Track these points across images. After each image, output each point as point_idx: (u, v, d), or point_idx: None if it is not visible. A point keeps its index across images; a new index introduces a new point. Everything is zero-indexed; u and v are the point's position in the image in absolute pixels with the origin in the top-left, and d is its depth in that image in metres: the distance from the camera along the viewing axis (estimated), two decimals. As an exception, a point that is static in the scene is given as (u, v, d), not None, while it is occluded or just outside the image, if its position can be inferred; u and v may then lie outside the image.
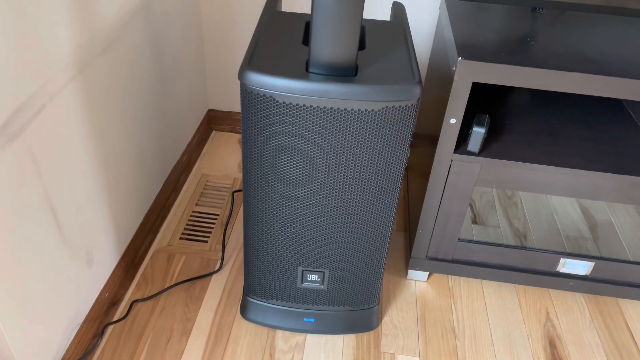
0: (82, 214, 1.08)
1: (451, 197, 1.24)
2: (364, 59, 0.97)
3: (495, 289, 1.41)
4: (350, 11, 0.86)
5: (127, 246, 1.31)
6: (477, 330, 1.30)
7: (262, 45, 0.98)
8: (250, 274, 1.18)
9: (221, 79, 1.81)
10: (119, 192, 1.23)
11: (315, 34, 0.89)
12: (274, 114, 0.92)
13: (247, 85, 0.91)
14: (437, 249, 1.33)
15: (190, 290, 1.33)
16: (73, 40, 0.97)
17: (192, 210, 1.57)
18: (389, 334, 1.27)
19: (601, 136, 1.28)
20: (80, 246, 1.09)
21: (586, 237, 1.42)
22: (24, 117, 0.85)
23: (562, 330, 1.32)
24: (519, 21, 1.24)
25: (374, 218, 1.07)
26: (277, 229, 1.08)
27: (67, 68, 0.96)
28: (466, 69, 1.06)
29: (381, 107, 0.91)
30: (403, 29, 1.09)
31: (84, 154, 1.06)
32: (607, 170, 1.17)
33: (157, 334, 1.22)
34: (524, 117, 1.33)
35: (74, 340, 1.11)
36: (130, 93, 1.24)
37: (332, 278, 1.17)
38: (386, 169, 0.99)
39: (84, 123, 1.04)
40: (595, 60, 1.08)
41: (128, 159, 1.26)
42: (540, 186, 1.20)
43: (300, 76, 0.90)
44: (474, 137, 1.15)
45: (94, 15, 1.03)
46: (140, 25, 1.24)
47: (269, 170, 1.00)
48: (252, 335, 1.24)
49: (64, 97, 0.96)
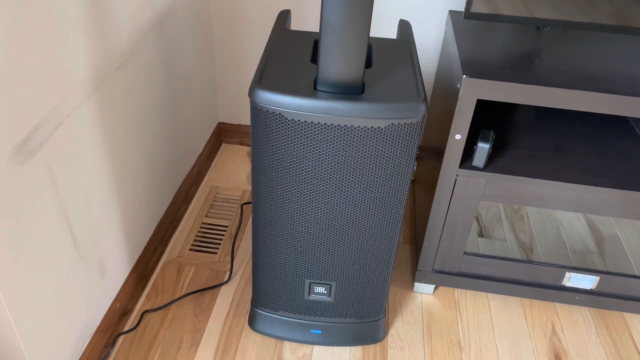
0: (96, 226, 1.11)
1: (457, 211, 1.25)
2: (370, 76, 1.00)
3: (501, 302, 1.42)
4: (357, 32, 0.89)
5: (138, 257, 1.34)
6: (482, 344, 1.31)
7: (272, 63, 1.01)
8: (259, 286, 1.21)
9: (231, 92, 1.85)
10: (131, 205, 1.27)
11: (323, 54, 0.91)
12: (283, 131, 0.95)
13: (257, 103, 0.93)
14: (443, 262, 1.35)
15: (200, 301, 1.36)
16: (90, 58, 1.00)
17: (201, 221, 1.60)
18: (395, 346, 1.29)
19: (606, 151, 1.29)
20: (93, 257, 1.12)
21: (592, 250, 1.43)
22: (43, 134, 0.89)
23: (567, 343, 1.32)
24: (524, 39, 1.27)
25: (380, 232, 1.09)
26: (285, 242, 1.11)
27: (84, 85, 0.99)
28: (471, 87, 1.08)
29: (387, 125, 0.94)
30: (409, 47, 1.12)
31: (98, 168, 1.09)
32: (612, 185, 1.18)
33: (167, 344, 1.25)
34: (529, 132, 1.34)
35: (86, 350, 1.13)
36: (143, 108, 1.27)
37: (339, 290, 1.18)
38: (392, 184, 1.02)
39: (98, 138, 1.07)
40: (599, 78, 1.10)
41: (140, 171, 1.30)
42: (545, 201, 1.21)
43: (309, 94, 0.92)
44: (479, 152, 1.17)
45: (110, 33, 1.07)
46: (154, 42, 1.28)
47: (277, 185, 1.02)
48: (260, 346, 1.26)
49: (80, 113, 1.00)
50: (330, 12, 0.87)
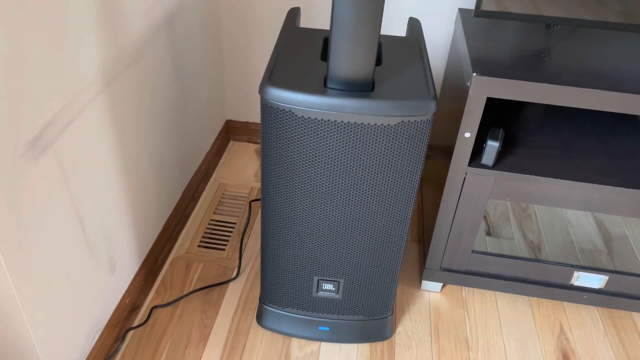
0: (107, 222, 1.12)
1: (465, 210, 1.25)
2: (380, 74, 1.00)
3: (509, 301, 1.42)
4: (368, 29, 0.89)
5: (147, 253, 1.35)
6: (490, 342, 1.31)
7: (282, 61, 1.02)
8: (267, 283, 1.21)
9: (239, 90, 1.85)
10: (141, 201, 1.27)
11: (334, 51, 0.92)
12: (293, 128, 0.95)
13: (268, 100, 0.94)
14: (451, 260, 1.35)
15: (208, 297, 1.36)
16: (101, 56, 1.01)
17: (210, 218, 1.61)
18: (402, 344, 1.29)
19: (615, 150, 1.29)
20: (103, 253, 1.13)
21: (600, 250, 1.42)
22: (55, 131, 0.89)
23: (575, 343, 1.32)
24: (534, 37, 1.26)
25: (389, 229, 1.09)
26: (293, 239, 1.11)
27: (95, 83, 1.00)
28: (481, 85, 1.08)
29: (397, 122, 0.94)
30: (419, 45, 1.12)
31: (109, 165, 1.10)
32: (622, 184, 1.17)
33: (176, 340, 1.25)
34: (538, 130, 1.34)
35: (96, 345, 1.14)
36: (153, 105, 1.28)
37: (347, 287, 1.19)
38: (401, 181, 1.02)
39: (109, 135, 1.08)
40: (609, 77, 1.10)
41: (150, 168, 1.30)
42: (554, 200, 1.21)
43: (319, 92, 0.93)
44: (488, 150, 1.17)
45: (121, 31, 1.07)
46: (163, 39, 1.29)
47: (286, 182, 1.03)
48: (268, 343, 1.27)
49: (91, 110, 1.00)
50: (341, 10, 0.87)
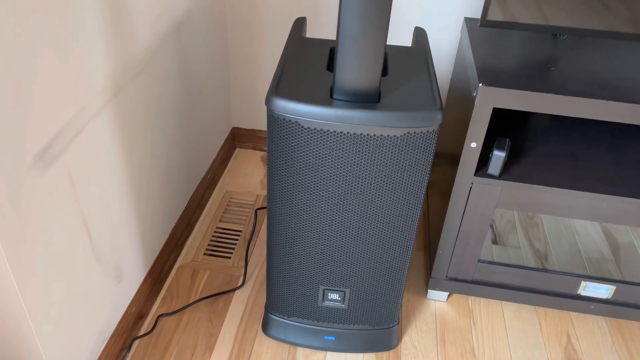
0: (114, 231, 1.13)
1: (471, 219, 1.25)
2: (386, 85, 1.00)
3: (516, 310, 1.41)
4: (374, 40, 0.89)
5: (153, 262, 1.36)
6: (496, 352, 1.30)
7: (288, 71, 1.02)
8: (273, 292, 1.21)
9: (245, 97, 1.86)
10: (147, 209, 1.28)
11: (340, 62, 0.92)
12: (299, 139, 0.96)
13: (274, 111, 0.94)
14: (457, 269, 1.35)
15: (214, 306, 1.37)
16: (110, 66, 1.02)
17: (215, 226, 1.61)
18: (408, 353, 1.29)
19: (623, 160, 1.28)
20: (110, 262, 1.13)
21: (608, 259, 1.42)
22: (63, 141, 0.90)
23: (582, 353, 1.31)
24: (540, 47, 1.26)
25: (395, 239, 1.09)
26: (299, 248, 1.11)
27: (103, 92, 1.01)
28: (487, 95, 1.08)
29: (403, 133, 0.94)
30: (424, 55, 1.12)
31: (116, 174, 1.10)
32: (629, 194, 1.17)
33: (182, 349, 1.26)
34: (545, 140, 1.34)
35: (102, 354, 1.14)
36: (160, 113, 1.28)
37: (353, 297, 1.19)
38: (407, 192, 1.02)
39: (117, 144, 1.09)
40: (616, 87, 1.10)
41: (157, 176, 1.31)
42: (561, 209, 1.21)
43: (325, 103, 0.93)
44: (495, 160, 1.16)
45: (129, 41, 1.08)
46: (171, 48, 1.30)
47: (292, 191, 1.03)
48: (273, 352, 1.27)
49: (99, 120, 1.01)
50: (348, 21, 0.88)
